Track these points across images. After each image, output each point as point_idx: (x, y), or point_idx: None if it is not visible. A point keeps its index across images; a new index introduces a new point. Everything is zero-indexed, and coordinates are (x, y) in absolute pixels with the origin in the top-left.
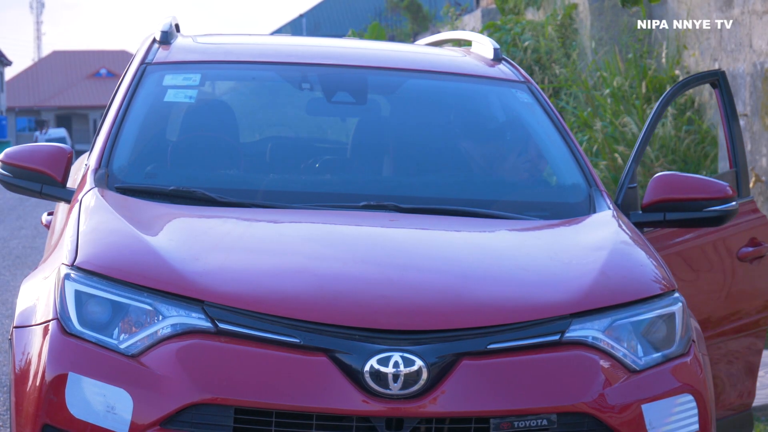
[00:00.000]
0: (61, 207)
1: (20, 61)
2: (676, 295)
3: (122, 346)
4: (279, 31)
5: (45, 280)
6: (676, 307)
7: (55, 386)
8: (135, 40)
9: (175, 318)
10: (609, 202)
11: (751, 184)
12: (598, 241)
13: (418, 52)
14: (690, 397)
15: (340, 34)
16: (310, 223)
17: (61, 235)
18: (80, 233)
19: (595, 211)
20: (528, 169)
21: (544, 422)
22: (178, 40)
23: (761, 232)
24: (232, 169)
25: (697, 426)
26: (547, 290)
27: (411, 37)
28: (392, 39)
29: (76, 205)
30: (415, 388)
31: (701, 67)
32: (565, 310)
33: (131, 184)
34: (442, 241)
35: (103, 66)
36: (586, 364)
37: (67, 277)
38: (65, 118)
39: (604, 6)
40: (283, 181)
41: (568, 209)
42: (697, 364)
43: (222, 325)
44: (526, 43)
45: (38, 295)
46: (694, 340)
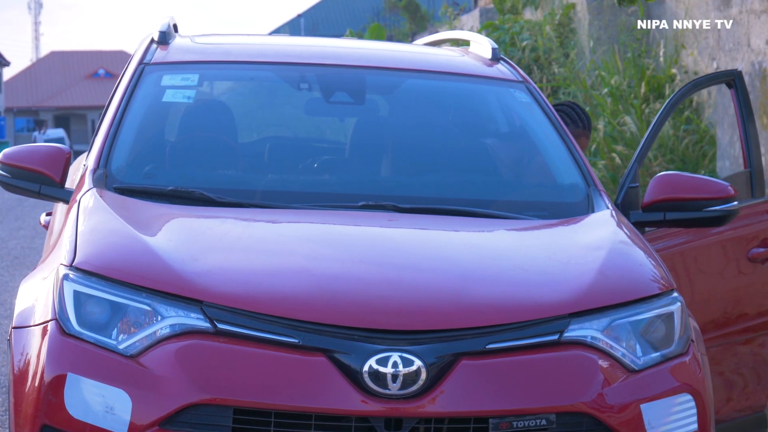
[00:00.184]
0: (60, 207)
1: (18, 62)
2: (675, 294)
3: (121, 347)
4: (277, 31)
5: (43, 281)
6: (675, 307)
7: (54, 387)
8: (133, 41)
9: (173, 318)
10: (607, 202)
11: None
12: (597, 240)
13: (417, 52)
14: (689, 397)
15: (338, 34)
16: (309, 223)
17: (60, 236)
18: (79, 234)
19: (593, 211)
20: (526, 169)
21: (543, 422)
22: (176, 41)
23: None
24: (230, 170)
25: (695, 425)
26: (545, 290)
27: (409, 37)
28: (390, 39)
29: (75, 206)
30: (414, 388)
31: (699, 67)
32: (564, 309)
33: (130, 184)
34: (440, 241)
35: (102, 66)
36: (585, 364)
37: (66, 277)
38: (63, 119)
39: (603, 5)
40: (282, 181)
41: (567, 209)
42: (696, 363)
43: (221, 326)
44: (525, 42)
45: (37, 296)
46: (692, 340)
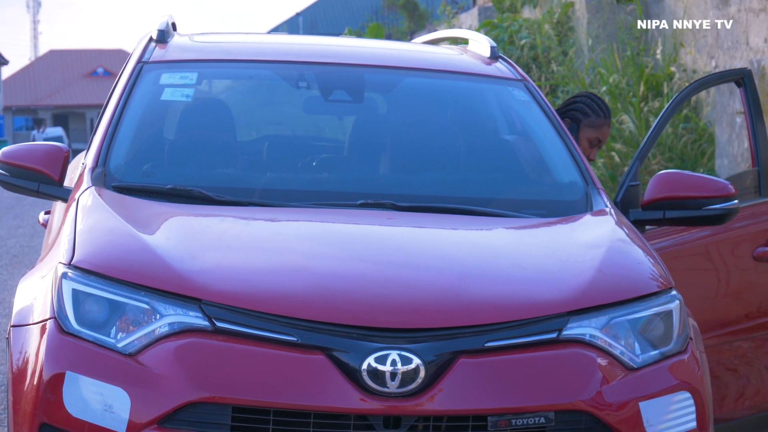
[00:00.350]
0: (58, 206)
1: (17, 60)
2: (674, 292)
3: (120, 345)
4: (276, 30)
5: (42, 279)
6: (674, 305)
7: (53, 385)
8: (132, 39)
9: (172, 317)
10: (606, 200)
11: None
12: (596, 238)
13: (415, 50)
14: (687, 395)
15: (337, 33)
16: (308, 222)
17: (58, 234)
18: (77, 232)
19: (592, 209)
20: (525, 167)
21: (542, 420)
22: (175, 39)
23: None
24: (229, 168)
25: (694, 423)
26: (544, 288)
27: (408, 36)
28: (389, 37)
29: (73, 204)
30: (413, 386)
31: (698, 65)
32: (563, 307)
33: (128, 182)
34: (439, 239)
35: (100, 65)
36: (584, 362)
37: (65, 276)
38: (62, 117)
39: (601, 3)
40: (281, 180)
41: (566, 207)
42: (695, 361)
43: (219, 324)
44: (523, 41)
45: (35, 294)
46: (691, 338)
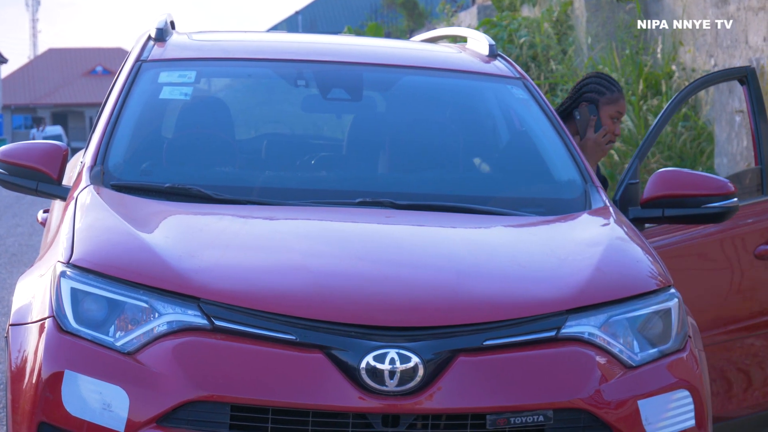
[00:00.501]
0: (57, 204)
1: (16, 59)
2: (672, 290)
3: (118, 344)
4: (275, 28)
5: (41, 278)
6: (672, 303)
7: (52, 384)
8: (131, 38)
9: (171, 315)
10: (605, 198)
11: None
12: (594, 237)
13: (414, 48)
14: (686, 393)
15: (336, 31)
16: (306, 220)
17: (57, 233)
18: (76, 231)
19: (590, 207)
20: (523, 165)
21: (541, 418)
22: (174, 38)
23: None
24: (227, 166)
25: (693, 422)
26: (543, 286)
27: (407, 34)
28: (388, 36)
29: (72, 203)
30: (412, 384)
31: (697, 64)
32: (561, 306)
33: (127, 181)
34: (438, 238)
35: (99, 63)
36: (582, 360)
37: (63, 274)
38: (61, 116)
39: (601, 2)
40: (279, 178)
41: (564, 205)
42: (693, 359)
43: (218, 323)
44: (522, 39)
45: (34, 293)
46: (690, 336)
